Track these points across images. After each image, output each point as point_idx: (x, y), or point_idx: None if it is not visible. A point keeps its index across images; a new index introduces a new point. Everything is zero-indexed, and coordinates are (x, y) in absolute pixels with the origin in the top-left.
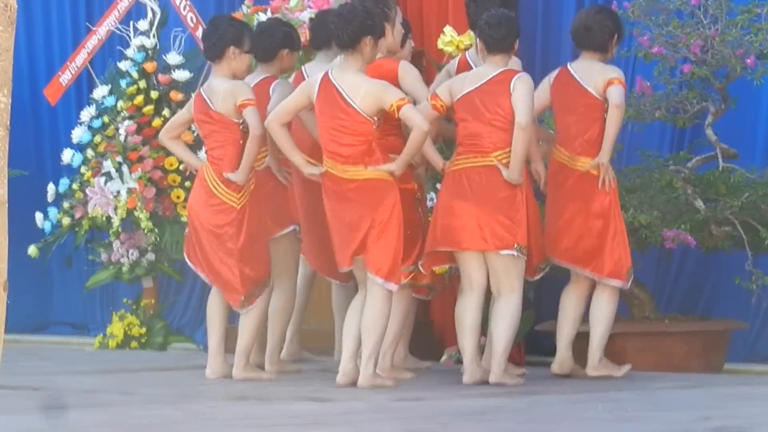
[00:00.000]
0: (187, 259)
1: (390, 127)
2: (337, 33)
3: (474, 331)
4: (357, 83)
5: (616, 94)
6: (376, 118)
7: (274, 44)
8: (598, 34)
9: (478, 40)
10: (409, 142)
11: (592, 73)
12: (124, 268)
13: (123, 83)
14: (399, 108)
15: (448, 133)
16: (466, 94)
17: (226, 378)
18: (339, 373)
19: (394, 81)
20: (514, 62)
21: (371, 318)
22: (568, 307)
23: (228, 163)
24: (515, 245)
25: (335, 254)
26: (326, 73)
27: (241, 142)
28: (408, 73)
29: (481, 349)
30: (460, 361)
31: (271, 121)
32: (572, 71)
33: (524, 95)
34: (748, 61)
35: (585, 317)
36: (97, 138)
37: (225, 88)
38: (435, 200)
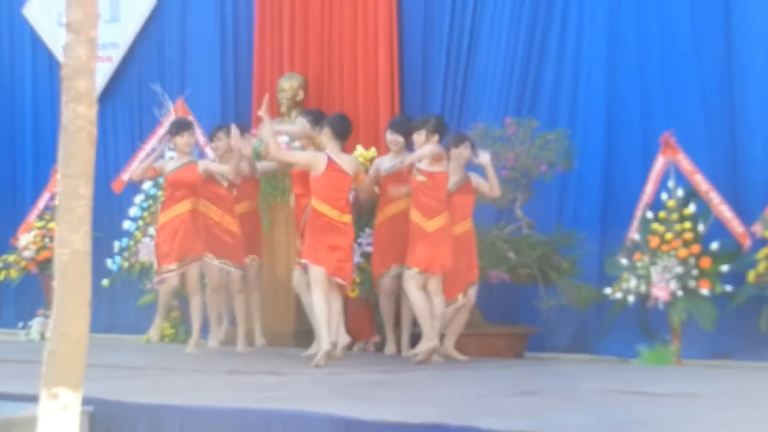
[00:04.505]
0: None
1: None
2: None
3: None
4: (347, 160)
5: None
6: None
7: None
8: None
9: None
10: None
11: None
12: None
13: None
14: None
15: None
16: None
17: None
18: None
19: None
20: None
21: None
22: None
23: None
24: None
25: (323, 262)
26: (327, 154)
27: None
28: None
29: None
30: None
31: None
32: None
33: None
34: (542, 167)
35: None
36: (145, 214)
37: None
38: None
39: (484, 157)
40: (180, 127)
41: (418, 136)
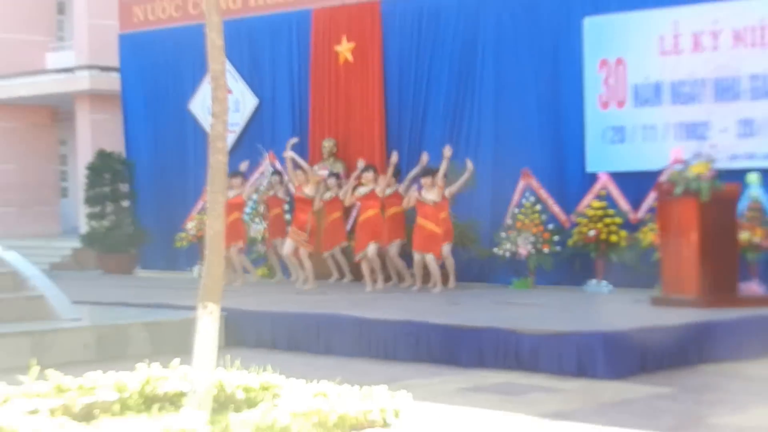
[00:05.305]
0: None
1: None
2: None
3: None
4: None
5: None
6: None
7: None
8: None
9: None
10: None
11: None
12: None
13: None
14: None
15: None
16: None
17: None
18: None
19: None
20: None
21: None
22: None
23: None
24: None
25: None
26: None
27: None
28: None
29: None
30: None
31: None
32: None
33: None
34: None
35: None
36: (252, 212)
37: None
38: None
39: (447, 151)
40: (232, 175)
41: (426, 180)
